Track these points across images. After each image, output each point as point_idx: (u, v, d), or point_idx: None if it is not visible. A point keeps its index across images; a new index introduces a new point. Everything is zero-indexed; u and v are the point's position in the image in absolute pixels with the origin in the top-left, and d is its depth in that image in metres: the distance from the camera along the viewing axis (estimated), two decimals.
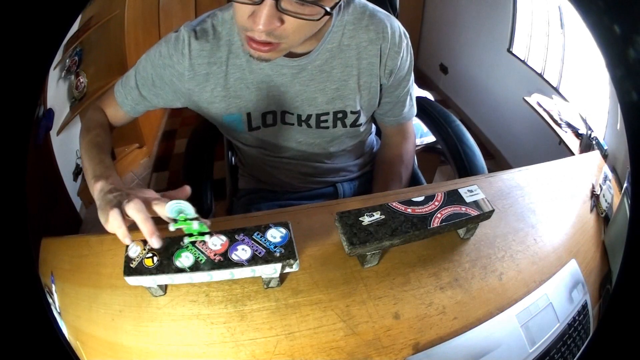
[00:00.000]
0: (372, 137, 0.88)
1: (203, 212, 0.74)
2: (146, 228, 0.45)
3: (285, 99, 0.66)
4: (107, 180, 0.51)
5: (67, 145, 0.74)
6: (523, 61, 0.95)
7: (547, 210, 0.63)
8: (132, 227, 0.55)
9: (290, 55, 0.62)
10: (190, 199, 0.47)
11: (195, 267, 0.47)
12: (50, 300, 0.53)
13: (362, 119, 0.72)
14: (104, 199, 0.48)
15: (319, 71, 0.65)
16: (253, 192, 0.83)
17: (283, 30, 0.50)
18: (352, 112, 0.70)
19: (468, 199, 0.54)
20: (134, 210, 0.45)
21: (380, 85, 0.70)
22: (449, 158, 0.85)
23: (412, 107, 0.78)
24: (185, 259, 0.47)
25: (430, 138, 1.07)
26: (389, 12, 0.70)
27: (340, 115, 0.69)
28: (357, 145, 0.81)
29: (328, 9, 0.49)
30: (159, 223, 0.47)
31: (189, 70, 0.63)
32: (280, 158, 0.76)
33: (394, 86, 0.72)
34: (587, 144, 0.74)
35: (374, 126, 0.86)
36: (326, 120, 0.70)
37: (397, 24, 0.68)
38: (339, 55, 0.65)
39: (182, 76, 0.63)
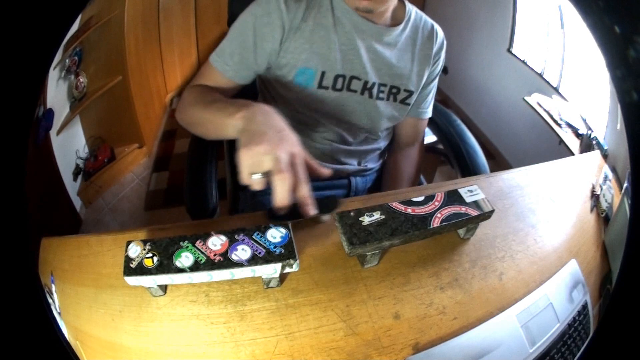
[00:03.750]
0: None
1: (208, 211, 0.74)
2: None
3: (359, 62, 0.73)
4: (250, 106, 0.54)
5: (67, 145, 0.74)
6: (523, 61, 0.95)
7: (547, 210, 0.63)
8: (134, 228, 0.55)
9: (375, 23, 0.72)
10: (197, 200, 0.47)
11: (195, 267, 0.47)
12: (50, 300, 0.53)
13: (411, 100, 0.80)
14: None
15: (389, 48, 0.75)
16: None
17: None
18: (405, 90, 0.78)
19: (468, 199, 0.54)
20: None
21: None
22: (452, 158, 0.86)
23: (431, 107, 0.86)
24: (185, 259, 0.47)
25: (431, 138, 1.07)
26: None
27: (394, 90, 0.78)
28: (385, 139, 0.87)
29: None
30: (160, 222, 0.47)
31: (287, 23, 0.69)
32: (320, 133, 0.79)
33: (428, 80, 0.81)
34: (587, 144, 0.74)
35: None
36: (383, 92, 0.77)
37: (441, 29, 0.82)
38: (405, 41, 0.77)
39: (282, 30, 0.69)
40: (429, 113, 0.86)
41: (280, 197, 0.46)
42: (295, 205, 0.47)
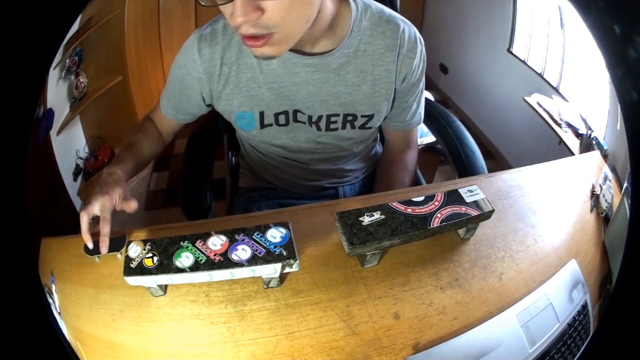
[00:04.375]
0: (376, 143, 0.88)
1: (203, 211, 0.74)
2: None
3: (297, 98, 0.66)
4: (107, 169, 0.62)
5: (67, 145, 0.74)
6: (523, 61, 0.95)
7: (547, 210, 0.63)
8: (134, 228, 0.55)
9: (306, 53, 0.63)
10: (190, 199, 0.48)
11: (195, 267, 0.47)
12: (50, 300, 0.53)
13: (374, 123, 0.72)
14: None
15: (334, 74, 0.65)
16: (254, 190, 0.83)
17: (267, 19, 0.48)
18: (362, 116, 0.70)
19: (468, 199, 0.54)
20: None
21: (395, 90, 0.70)
22: (449, 158, 0.85)
23: (418, 114, 0.77)
24: (185, 259, 0.47)
25: (430, 138, 1.06)
26: None
27: (350, 117, 0.70)
28: (363, 151, 0.81)
29: None
30: (160, 222, 0.47)
31: (204, 73, 0.65)
32: (286, 159, 0.76)
33: (405, 91, 0.71)
34: (587, 144, 0.74)
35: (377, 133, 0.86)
36: (336, 122, 0.70)
37: (414, 29, 0.68)
38: (354, 61, 0.65)
39: (200, 80, 0.66)
40: (416, 122, 0.78)
41: (82, 229, 0.55)
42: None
